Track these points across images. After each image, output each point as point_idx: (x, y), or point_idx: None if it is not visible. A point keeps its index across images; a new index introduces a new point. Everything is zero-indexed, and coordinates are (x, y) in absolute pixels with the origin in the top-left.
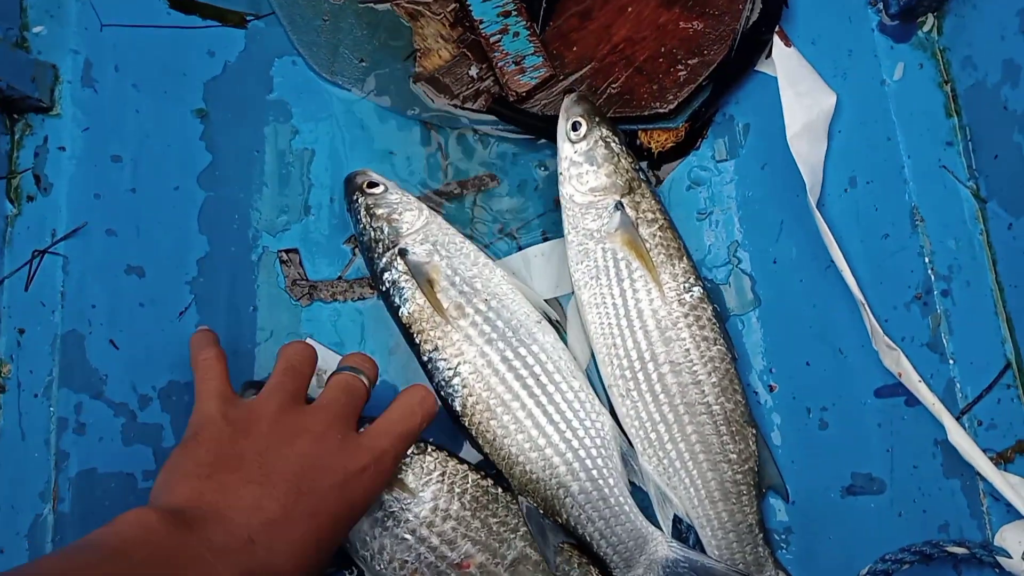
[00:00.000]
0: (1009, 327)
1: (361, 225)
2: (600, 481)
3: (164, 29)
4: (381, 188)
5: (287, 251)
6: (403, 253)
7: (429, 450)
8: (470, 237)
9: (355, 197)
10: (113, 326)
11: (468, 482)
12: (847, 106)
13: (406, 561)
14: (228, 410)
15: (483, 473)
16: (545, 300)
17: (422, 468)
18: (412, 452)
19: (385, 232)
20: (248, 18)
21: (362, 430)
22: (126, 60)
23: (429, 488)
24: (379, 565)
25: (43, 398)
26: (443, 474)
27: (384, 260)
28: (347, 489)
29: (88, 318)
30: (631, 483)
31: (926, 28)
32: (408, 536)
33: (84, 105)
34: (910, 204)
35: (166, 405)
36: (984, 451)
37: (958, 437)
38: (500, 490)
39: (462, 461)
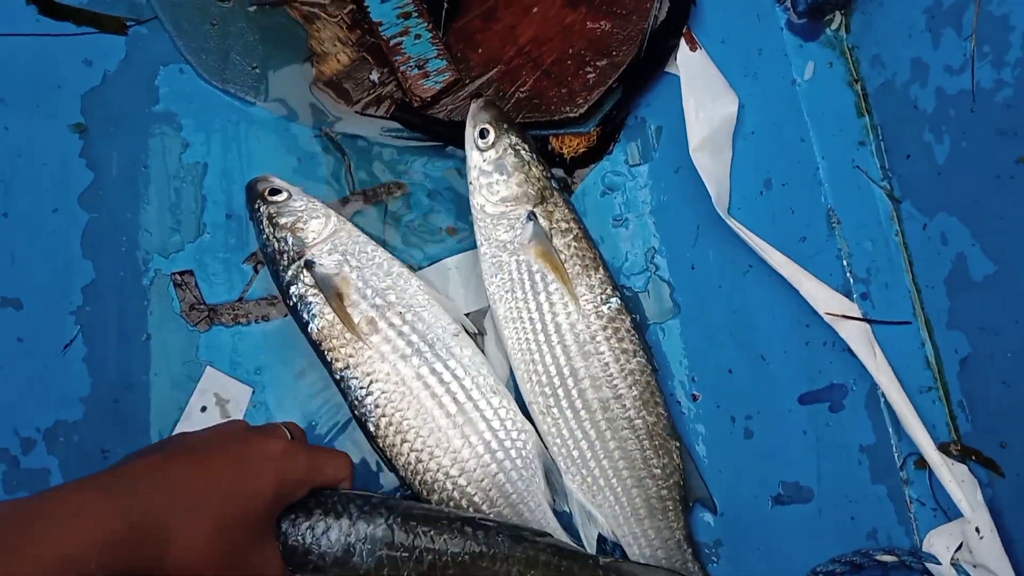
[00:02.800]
0: (928, 328)
1: (264, 236)
2: (520, 505)
3: (34, 38)
4: (284, 195)
5: (181, 273)
6: (309, 265)
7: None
8: (383, 244)
9: (256, 206)
10: None
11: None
12: (759, 107)
13: None
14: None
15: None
16: (465, 314)
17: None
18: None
19: (290, 243)
20: (128, 24)
21: None
22: None
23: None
24: None
25: None
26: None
27: (290, 273)
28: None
29: None
30: (555, 504)
31: (834, 26)
32: None
33: None
34: (826, 206)
35: (53, 447)
36: (908, 456)
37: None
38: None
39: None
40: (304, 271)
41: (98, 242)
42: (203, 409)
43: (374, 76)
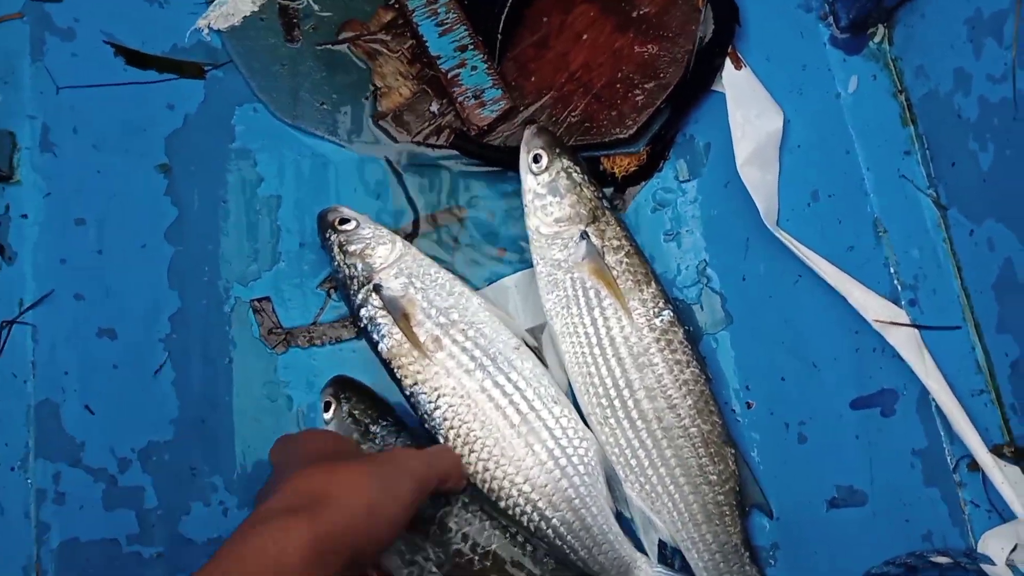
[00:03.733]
0: (977, 332)
1: (336, 263)
2: (583, 511)
3: (122, 87)
4: (353, 224)
5: (259, 300)
6: (378, 289)
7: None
8: (446, 266)
9: (328, 235)
10: (87, 391)
11: (494, 541)
12: (804, 121)
13: None
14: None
15: (512, 532)
16: (525, 330)
17: (449, 516)
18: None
19: (359, 268)
20: (206, 68)
21: None
22: (84, 121)
23: (454, 544)
24: None
25: (20, 471)
26: (469, 530)
27: (360, 296)
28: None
29: (61, 385)
30: (618, 511)
31: (877, 39)
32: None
33: (44, 170)
34: (872, 215)
35: (147, 466)
36: (961, 458)
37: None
38: (531, 548)
39: (495, 513)
40: (373, 294)
41: (183, 273)
42: None
43: (434, 107)
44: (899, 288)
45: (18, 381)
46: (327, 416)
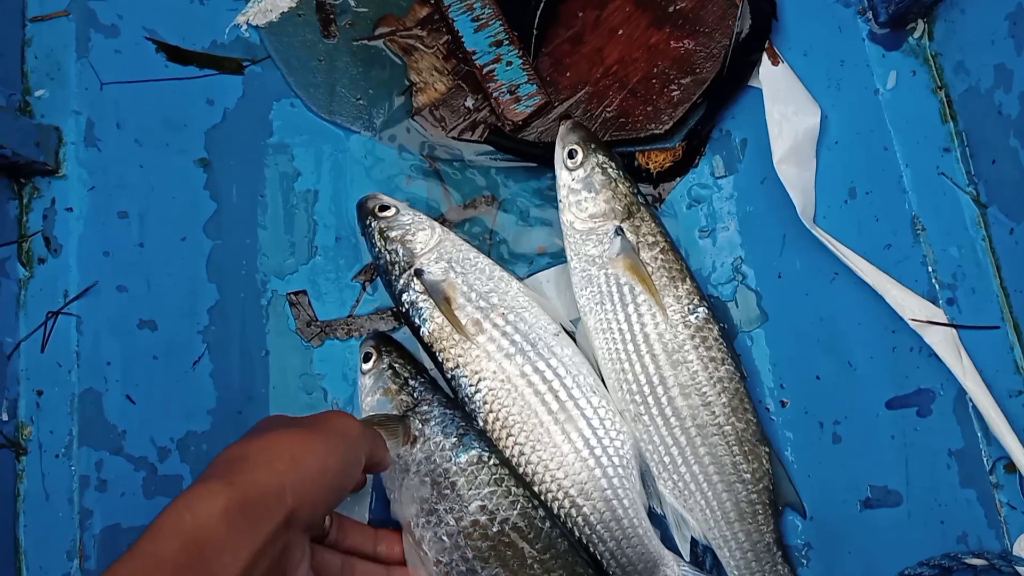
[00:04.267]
0: (1016, 332)
1: (376, 249)
2: (614, 502)
3: (163, 82)
4: (392, 211)
5: (296, 293)
6: (419, 273)
7: (491, 462)
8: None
9: (368, 222)
10: (129, 381)
11: (515, 508)
12: (842, 117)
13: (440, 561)
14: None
15: (534, 504)
16: None
17: (476, 477)
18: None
19: (400, 254)
20: (245, 64)
21: None
22: (127, 116)
23: (476, 500)
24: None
25: (64, 458)
26: (493, 492)
27: (401, 282)
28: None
29: (104, 375)
30: (650, 506)
31: (917, 34)
32: (446, 539)
33: (89, 164)
34: (910, 213)
35: (185, 455)
36: (997, 460)
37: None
38: (548, 525)
39: (520, 484)
40: (414, 279)
41: (221, 266)
42: None
43: (469, 103)
44: (937, 287)
45: (63, 371)
46: (366, 367)
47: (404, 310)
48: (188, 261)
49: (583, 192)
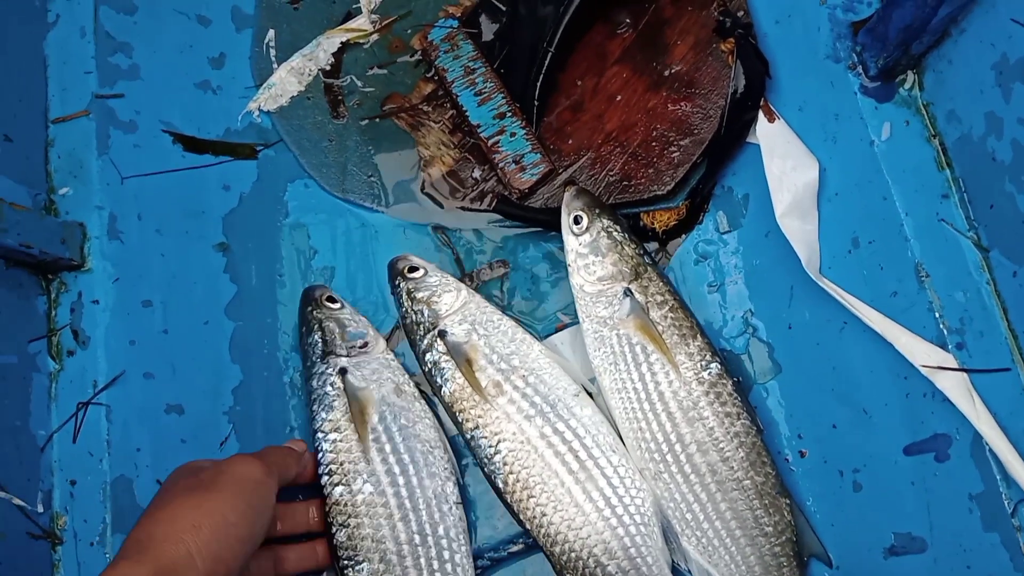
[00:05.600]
0: None
1: (403, 309)
2: (638, 560)
3: (181, 172)
4: (421, 272)
5: None
6: (442, 334)
7: None
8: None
9: (397, 283)
10: (158, 466)
11: None
12: (840, 169)
13: None
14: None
15: None
16: None
17: None
18: None
19: (425, 315)
20: (258, 148)
21: None
22: (148, 208)
23: None
24: None
25: (99, 546)
26: None
27: (425, 342)
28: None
29: (135, 461)
30: (674, 562)
31: (907, 86)
32: None
33: (112, 257)
34: (914, 260)
35: None
36: (1019, 502)
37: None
38: None
39: None
40: (438, 340)
41: (244, 347)
42: None
43: (476, 174)
44: (945, 332)
45: (94, 459)
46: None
47: (427, 370)
48: (211, 344)
49: (590, 256)
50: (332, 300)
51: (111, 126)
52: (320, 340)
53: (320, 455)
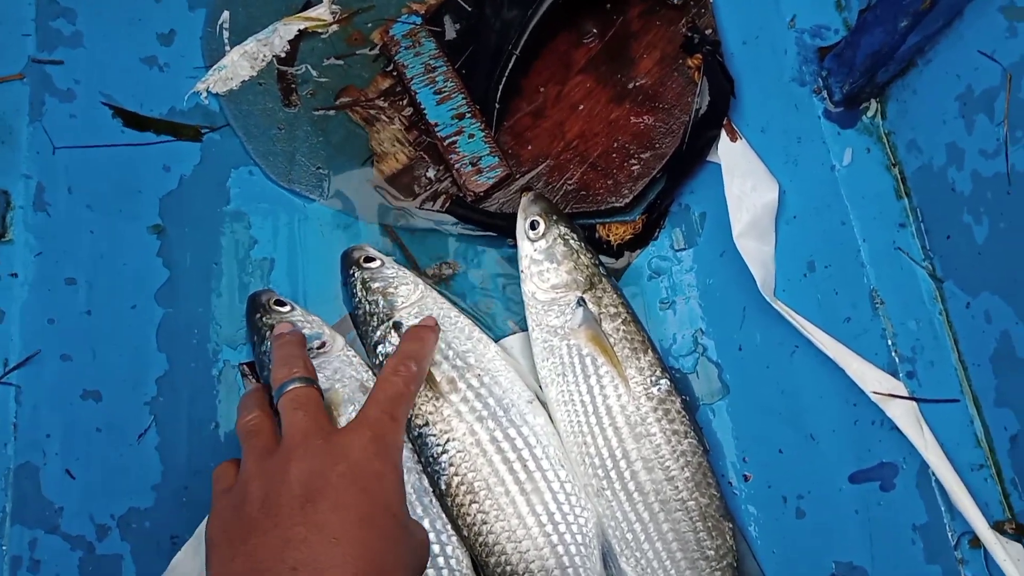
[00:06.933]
0: (976, 405)
1: (356, 299)
2: None
3: (118, 148)
4: (378, 263)
5: (248, 363)
6: (398, 326)
7: None
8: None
9: (352, 271)
10: (69, 455)
11: None
12: (800, 192)
13: None
14: (222, 504)
15: None
16: None
17: None
18: None
19: (380, 305)
20: (203, 131)
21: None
22: (80, 181)
23: None
24: None
25: None
26: None
27: (379, 333)
28: (357, 469)
29: (43, 448)
30: None
31: (870, 114)
32: None
33: (37, 230)
34: (869, 287)
35: (126, 534)
36: (962, 535)
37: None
38: None
39: None
40: (392, 331)
41: (172, 336)
42: None
43: (431, 173)
44: (897, 360)
45: None
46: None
47: (378, 362)
48: (137, 330)
49: (545, 263)
50: (280, 303)
51: (47, 93)
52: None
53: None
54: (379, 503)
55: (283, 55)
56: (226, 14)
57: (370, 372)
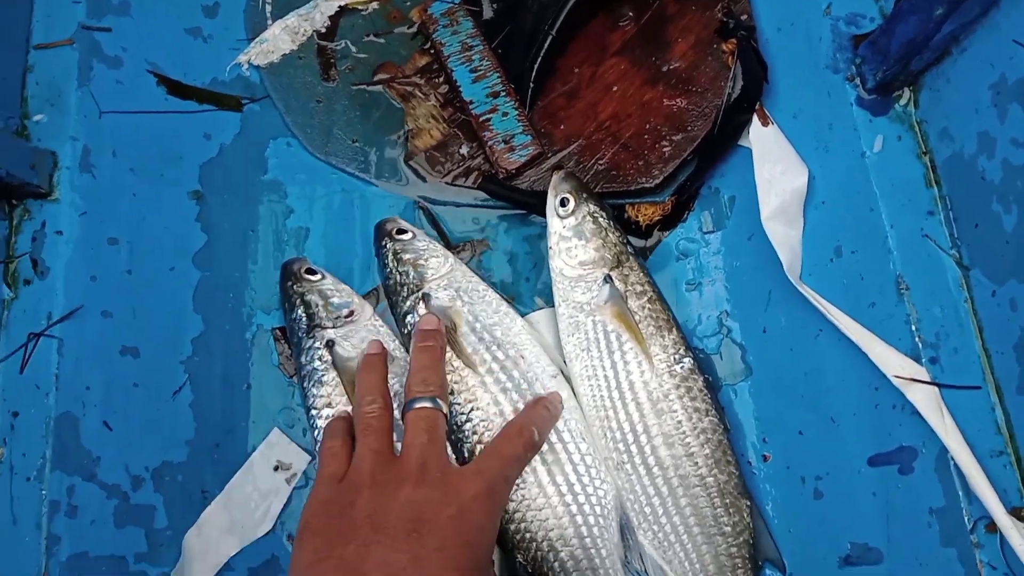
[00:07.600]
0: (998, 393)
1: (388, 269)
2: (592, 551)
3: (161, 115)
4: (409, 235)
5: (281, 328)
6: (427, 298)
7: None
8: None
9: (384, 242)
10: (107, 407)
11: None
12: (830, 178)
13: None
14: (329, 494)
15: None
16: None
17: None
18: None
19: (411, 276)
20: (244, 102)
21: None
22: (124, 145)
23: None
24: None
25: (35, 481)
26: None
27: (408, 304)
28: (465, 516)
29: (82, 400)
30: (627, 559)
31: (903, 102)
32: None
33: (82, 190)
34: (895, 273)
35: (159, 486)
36: (979, 519)
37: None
38: None
39: None
40: (421, 303)
41: (208, 298)
42: (276, 468)
43: (464, 150)
44: (920, 346)
45: (40, 393)
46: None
47: (406, 331)
48: (175, 291)
49: (573, 239)
50: (312, 272)
51: (95, 59)
52: (304, 315)
53: (316, 432)
54: (474, 560)
55: (323, 30)
56: None
57: (397, 341)
